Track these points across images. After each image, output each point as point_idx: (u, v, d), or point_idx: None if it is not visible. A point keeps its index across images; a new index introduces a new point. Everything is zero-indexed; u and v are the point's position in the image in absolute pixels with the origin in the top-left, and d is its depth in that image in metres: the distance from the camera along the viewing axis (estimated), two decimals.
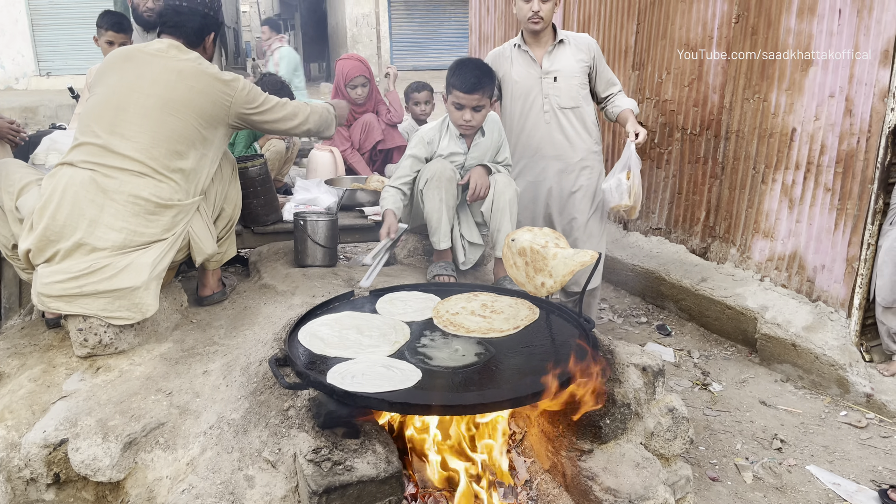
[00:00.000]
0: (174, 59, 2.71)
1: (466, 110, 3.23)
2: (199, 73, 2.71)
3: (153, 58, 2.70)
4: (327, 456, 1.92)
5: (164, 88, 2.64)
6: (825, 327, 3.41)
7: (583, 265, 2.40)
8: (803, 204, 3.55)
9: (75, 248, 2.49)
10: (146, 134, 2.59)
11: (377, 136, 5.17)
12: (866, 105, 3.20)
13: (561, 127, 3.61)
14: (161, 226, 2.61)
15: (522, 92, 3.61)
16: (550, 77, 3.55)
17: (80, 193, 2.51)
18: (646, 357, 2.47)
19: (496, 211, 3.33)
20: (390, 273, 3.39)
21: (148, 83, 2.64)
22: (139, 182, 2.57)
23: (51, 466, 2.18)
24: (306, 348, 2.25)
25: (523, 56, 3.59)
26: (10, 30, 14.54)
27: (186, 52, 2.76)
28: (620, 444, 2.28)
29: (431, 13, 18.42)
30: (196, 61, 2.74)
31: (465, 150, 3.40)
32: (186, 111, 2.66)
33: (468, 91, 3.17)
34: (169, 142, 2.62)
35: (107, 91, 2.66)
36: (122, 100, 2.63)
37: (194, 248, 2.77)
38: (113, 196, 2.53)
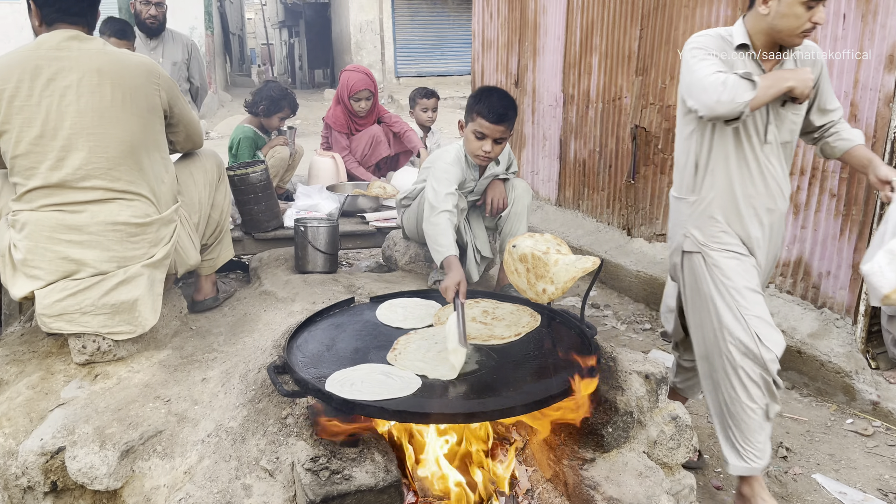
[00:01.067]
0: (84, 55, 2.39)
1: (488, 141, 3.00)
2: (118, 64, 2.43)
3: (59, 62, 2.36)
4: (325, 465, 1.90)
5: (92, 96, 2.37)
6: (831, 334, 3.38)
7: (585, 272, 2.38)
8: (808, 209, 3.52)
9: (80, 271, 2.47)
10: (94, 154, 2.39)
11: (384, 151, 5.15)
12: (871, 110, 3.17)
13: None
14: (147, 243, 2.54)
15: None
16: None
17: (57, 238, 2.41)
18: (648, 364, 2.44)
19: (513, 216, 3.30)
20: (391, 280, 3.37)
21: (74, 98, 2.36)
22: (109, 208, 2.45)
23: (48, 475, 2.16)
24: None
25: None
26: (15, 37, 14.58)
27: (90, 41, 2.44)
28: (623, 453, 2.25)
29: (435, 19, 18.46)
30: (104, 51, 2.44)
31: (477, 178, 3.31)
32: (123, 113, 2.43)
33: (495, 122, 2.96)
34: (119, 155, 2.43)
35: (32, 122, 2.35)
36: (57, 126, 2.35)
37: (177, 259, 2.72)
38: (89, 230, 2.43)
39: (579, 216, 5.49)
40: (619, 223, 5.02)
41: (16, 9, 14.48)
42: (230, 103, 16.80)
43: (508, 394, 2.05)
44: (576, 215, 5.53)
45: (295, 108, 4.73)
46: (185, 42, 5.08)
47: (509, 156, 3.47)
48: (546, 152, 5.87)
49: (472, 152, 3.09)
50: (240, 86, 21.69)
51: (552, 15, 5.57)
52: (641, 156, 4.68)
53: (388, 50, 18.37)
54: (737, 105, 2.19)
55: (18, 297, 2.51)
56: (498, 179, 3.38)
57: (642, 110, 4.64)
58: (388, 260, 3.72)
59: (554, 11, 5.55)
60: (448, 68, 18.30)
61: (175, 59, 4.94)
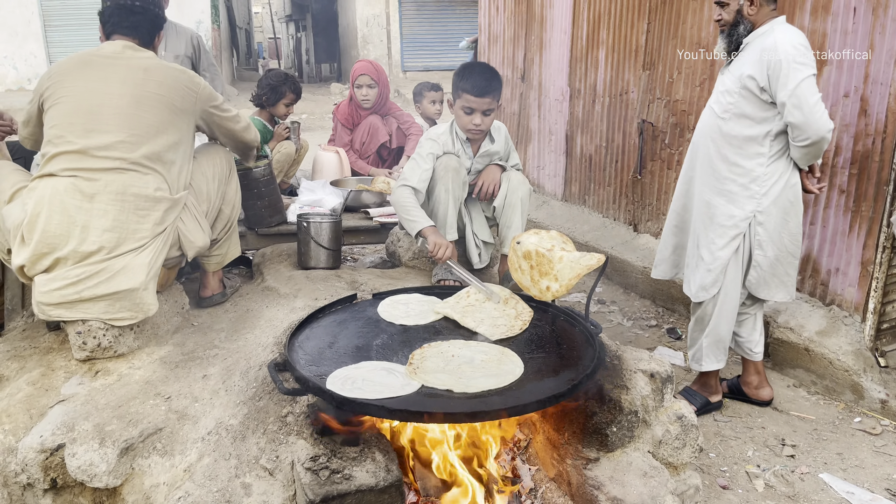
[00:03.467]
0: (135, 59, 2.70)
1: (476, 114, 3.18)
2: (165, 69, 2.73)
3: (113, 60, 2.68)
4: (325, 464, 1.88)
5: (134, 86, 2.63)
6: (839, 332, 3.34)
7: (589, 269, 2.35)
8: (817, 206, 3.48)
9: (71, 255, 2.46)
10: (122, 131, 2.57)
11: (382, 137, 5.13)
12: (882, 105, 3.13)
13: None
14: (152, 220, 2.57)
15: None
16: None
17: (67, 201, 2.48)
18: (654, 363, 2.41)
19: (507, 207, 3.31)
20: (395, 276, 3.34)
21: (117, 84, 2.63)
22: (123, 178, 2.54)
23: (47, 472, 2.15)
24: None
25: None
26: (22, 31, 14.63)
27: (142, 51, 2.76)
28: (627, 453, 2.23)
29: (441, 13, 18.40)
30: (155, 59, 2.76)
31: (472, 155, 3.36)
32: (159, 105, 2.65)
33: (479, 94, 3.13)
34: (146, 136, 2.60)
35: (73, 98, 2.61)
36: (93, 103, 2.59)
37: (183, 241, 2.74)
38: (99, 198, 2.50)
39: (585, 211, 5.46)
40: (625, 219, 4.99)
41: (23, 3, 14.52)
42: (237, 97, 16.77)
43: (510, 393, 2.02)
44: (582, 210, 5.50)
45: (298, 91, 4.67)
46: (189, 35, 5.04)
47: (507, 142, 3.46)
48: (552, 147, 5.83)
49: (463, 127, 3.25)
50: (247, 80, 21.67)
51: (559, 8, 5.53)
52: (648, 151, 4.64)
53: (395, 44, 18.32)
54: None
55: (17, 265, 2.51)
56: (496, 165, 3.38)
57: (649, 105, 4.60)
58: (392, 256, 3.70)
59: (560, 5, 5.50)
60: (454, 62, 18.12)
61: (178, 52, 4.90)
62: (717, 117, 2.94)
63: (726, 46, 2.91)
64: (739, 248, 2.97)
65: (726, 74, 2.94)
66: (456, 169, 3.20)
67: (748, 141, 2.87)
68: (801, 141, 2.75)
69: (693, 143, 3.14)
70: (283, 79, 4.60)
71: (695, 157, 3.11)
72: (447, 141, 3.32)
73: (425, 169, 3.22)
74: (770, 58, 2.73)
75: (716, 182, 2.97)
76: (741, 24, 2.86)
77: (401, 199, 3.16)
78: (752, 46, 2.85)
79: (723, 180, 2.95)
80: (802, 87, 2.67)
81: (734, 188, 2.93)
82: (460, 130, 3.30)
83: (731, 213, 2.94)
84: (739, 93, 2.85)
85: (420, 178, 3.20)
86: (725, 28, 2.89)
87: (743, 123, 2.87)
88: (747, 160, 2.89)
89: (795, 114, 2.70)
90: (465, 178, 3.27)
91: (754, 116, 2.84)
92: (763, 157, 2.87)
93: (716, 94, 2.99)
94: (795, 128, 2.73)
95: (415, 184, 3.18)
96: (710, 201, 2.99)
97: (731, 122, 2.89)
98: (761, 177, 2.88)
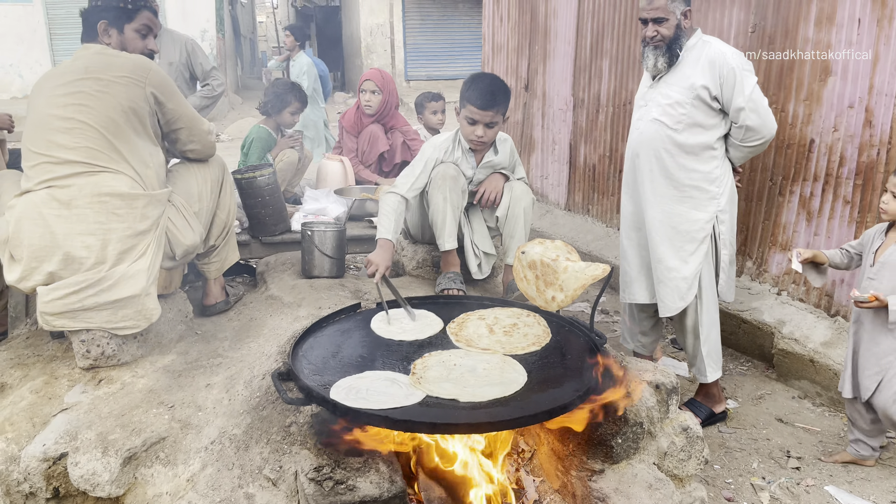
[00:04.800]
0: (80, 59, 2.69)
1: (479, 126, 3.17)
2: (105, 61, 2.67)
3: (64, 67, 2.70)
4: (329, 475, 1.87)
5: (73, 87, 2.61)
6: (844, 343, 3.32)
7: (594, 279, 2.35)
8: (822, 216, 3.47)
9: (64, 263, 2.46)
10: (79, 137, 2.56)
11: (382, 146, 5.12)
12: (886, 116, 3.12)
13: None
14: (133, 218, 2.55)
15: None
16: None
17: (45, 212, 2.48)
18: (659, 374, 2.40)
19: (511, 217, 3.30)
20: (399, 285, 3.33)
21: (60, 91, 2.61)
22: (95, 179, 2.54)
23: (50, 480, 2.15)
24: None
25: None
26: (28, 39, 14.69)
27: (90, 47, 2.74)
28: (633, 465, 2.21)
29: (445, 23, 18.45)
30: (100, 51, 2.72)
31: (475, 165, 3.36)
32: (103, 103, 2.60)
33: (483, 107, 3.11)
34: (99, 141, 2.57)
35: (32, 111, 2.66)
36: (44, 115, 2.60)
37: (172, 240, 2.72)
38: (76, 203, 2.50)
39: (589, 221, 5.45)
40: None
41: (28, 11, 14.59)
42: (241, 106, 16.84)
43: (514, 404, 2.01)
44: (585, 220, 5.49)
45: (303, 100, 4.70)
46: (183, 42, 5.02)
47: (513, 154, 3.45)
48: (556, 157, 5.84)
49: (466, 137, 3.25)
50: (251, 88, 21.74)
51: (563, 19, 5.54)
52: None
53: (399, 53, 18.37)
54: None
55: (11, 282, 2.51)
56: (499, 173, 3.37)
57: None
58: (396, 265, 3.69)
59: (564, 16, 5.52)
60: (457, 72, 18.25)
61: (171, 59, 4.88)
62: (668, 129, 3.03)
63: (667, 60, 3.01)
64: (708, 251, 3.09)
65: (670, 87, 3.03)
66: (454, 177, 3.19)
67: (703, 147, 3.02)
68: (753, 141, 2.96)
69: (633, 161, 3.20)
70: (288, 88, 4.63)
71: (637, 173, 3.17)
72: (449, 148, 3.31)
73: (418, 176, 3.22)
74: (721, 68, 2.90)
75: (675, 192, 3.07)
76: (681, 37, 3.00)
77: (382, 205, 3.17)
78: (689, 58, 3.00)
79: (683, 188, 3.06)
80: (756, 92, 2.91)
81: (696, 193, 3.05)
82: (464, 139, 3.30)
83: (696, 217, 3.06)
84: (692, 103, 2.97)
85: (412, 185, 3.21)
86: (662, 44, 2.99)
87: (695, 132, 3.01)
88: (704, 164, 3.03)
89: (753, 117, 2.90)
90: (463, 186, 3.26)
91: (705, 124, 2.99)
92: (717, 159, 3.04)
93: (660, 107, 3.06)
94: (751, 129, 2.93)
95: (404, 192, 3.19)
96: (670, 211, 3.08)
97: (685, 133, 3.01)
98: (719, 177, 3.05)
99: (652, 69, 3.07)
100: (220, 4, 16.09)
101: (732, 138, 3.02)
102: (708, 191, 3.04)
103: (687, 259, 3.07)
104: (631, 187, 3.24)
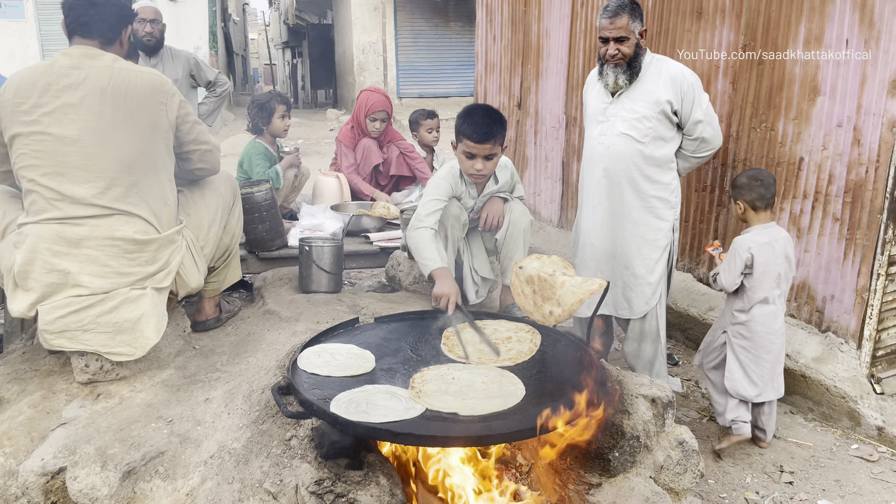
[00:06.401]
0: (93, 74, 2.44)
1: (478, 159, 3.08)
2: (123, 80, 2.47)
3: (69, 78, 2.43)
4: (330, 488, 1.88)
5: (92, 117, 2.42)
6: (835, 358, 3.37)
7: (591, 294, 2.38)
8: (811, 234, 3.52)
9: (69, 291, 2.46)
10: (95, 175, 2.43)
11: (375, 159, 5.16)
12: (874, 135, 3.18)
13: None
14: (143, 261, 2.52)
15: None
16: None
17: (54, 249, 2.42)
18: (655, 388, 2.43)
19: (510, 238, 3.34)
20: (395, 300, 3.36)
21: (74, 117, 2.41)
22: (108, 223, 2.46)
23: (48, 495, 2.14)
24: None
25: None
26: (21, 55, 14.68)
27: (100, 58, 2.49)
28: (629, 478, 2.23)
29: (438, 41, 18.59)
30: (112, 69, 2.48)
31: (476, 196, 3.38)
32: (125, 135, 2.46)
33: (480, 140, 3.03)
34: (122, 175, 2.45)
35: (34, 139, 2.41)
36: (55, 147, 2.41)
37: (178, 281, 2.68)
38: (86, 244, 2.44)
39: None
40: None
41: (21, 27, 14.61)
42: (233, 122, 16.87)
43: (514, 417, 2.03)
44: None
45: (286, 102, 4.68)
46: (185, 58, 5.08)
47: (513, 177, 3.49)
48: (548, 174, 5.89)
49: (465, 172, 3.21)
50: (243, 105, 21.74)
51: (555, 38, 5.61)
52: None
53: (391, 71, 18.47)
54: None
55: (16, 313, 2.49)
56: (497, 197, 3.40)
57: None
58: (392, 280, 3.72)
59: (557, 35, 5.59)
60: (450, 89, 18.40)
61: (176, 76, 4.94)
62: (636, 143, 3.23)
63: (628, 77, 3.20)
64: (669, 257, 3.38)
65: (634, 102, 3.22)
66: (457, 216, 3.27)
67: (665, 158, 3.26)
68: (705, 152, 3.28)
69: (600, 174, 3.35)
70: (268, 96, 4.65)
71: (607, 186, 3.32)
72: (454, 181, 3.28)
73: (437, 210, 3.18)
74: (682, 84, 3.16)
75: (641, 202, 3.29)
76: (640, 55, 3.20)
77: (417, 241, 3.09)
78: (649, 74, 3.21)
79: (648, 199, 3.28)
80: (710, 106, 3.21)
81: (658, 203, 3.29)
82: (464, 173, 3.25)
83: (660, 226, 3.31)
84: (657, 118, 3.19)
85: (436, 219, 3.17)
86: (622, 61, 3.18)
87: (659, 144, 3.24)
88: (665, 175, 3.28)
89: (708, 129, 3.20)
90: (465, 221, 3.33)
91: (666, 136, 3.24)
92: (673, 171, 3.31)
93: (626, 121, 3.24)
94: (705, 141, 3.23)
95: (431, 224, 3.14)
96: (638, 221, 3.31)
97: (651, 146, 3.23)
98: (676, 188, 3.34)
99: (612, 86, 3.23)
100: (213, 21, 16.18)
101: (684, 150, 3.30)
102: (668, 200, 3.30)
103: (653, 267, 3.31)
104: (596, 200, 3.39)
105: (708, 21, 4.05)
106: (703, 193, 4.21)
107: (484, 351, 2.47)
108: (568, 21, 5.43)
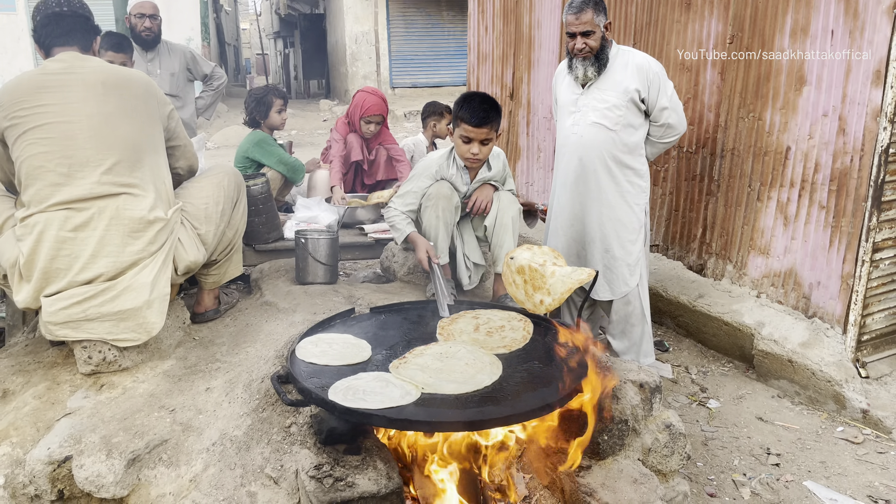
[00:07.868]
0: (88, 72, 2.59)
1: (474, 143, 3.23)
2: (121, 76, 2.65)
3: (66, 77, 2.56)
4: (329, 472, 1.94)
5: (98, 104, 2.56)
6: (821, 343, 3.44)
7: (580, 283, 2.44)
8: (798, 221, 3.59)
9: (69, 286, 2.50)
10: (103, 155, 2.53)
11: (355, 155, 5.12)
12: (859, 124, 3.25)
13: None
14: (144, 241, 2.57)
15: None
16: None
17: (61, 235, 2.48)
18: (643, 374, 2.50)
19: (499, 227, 3.40)
20: (390, 290, 3.42)
21: (80, 104, 2.53)
22: (116, 202, 2.54)
23: (55, 483, 2.20)
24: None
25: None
26: (12, 48, 14.64)
27: (89, 60, 2.64)
28: (618, 460, 2.31)
29: (430, 31, 18.57)
30: (105, 67, 2.66)
31: (469, 181, 3.45)
32: (130, 118, 2.60)
33: (478, 125, 3.18)
34: (126, 153, 2.57)
35: (41, 129, 2.51)
36: (64, 132, 2.51)
37: (176, 255, 2.72)
38: (93, 225, 2.51)
39: None
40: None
41: (12, 19, 14.54)
42: (226, 113, 16.86)
43: (507, 402, 2.10)
44: None
45: (283, 95, 4.72)
46: (181, 52, 5.11)
47: (505, 168, 3.55)
48: (541, 164, 5.94)
49: (461, 156, 3.34)
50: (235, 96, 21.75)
51: (546, 29, 5.65)
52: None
53: (384, 61, 18.45)
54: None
55: (22, 304, 2.54)
56: (488, 184, 3.47)
57: None
58: (387, 271, 3.78)
59: (548, 26, 5.63)
60: (442, 79, 18.40)
61: (173, 70, 4.97)
62: (608, 131, 3.39)
63: (596, 69, 3.36)
64: (644, 238, 3.54)
65: (604, 92, 3.38)
66: (448, 196, 3.32)
67: (636, 145, 3.44)
68: (671, 137, 3.45)
69: (575, 163, 3.51)
70: (264, 91, 4.68)
71: (583, 173, 3.48)
72: (444, 165, 3.42)
73: (411, 201, 3.42)
74: (648, 72, 3.32)
75: (616, 187, 3.45)
76: (606, 47, 3.36)
77: (389, 217, 3.44)
78: (616, 65, 3.37)
79: (622, 183, 3.45)
80: (674, 94, 3.38)
81: (631, 188, 3.46)
82: (459, 158, 3.38)
83: (633, 209, 3.48)
84: (626, 106, 3.35)
85: (407, 205, 3.42)
86: (590, 55, 3.34)
87: (629, 131, 3.40)
88: (636, 160, 3.46)
89: (673, 116, 3.38)
90: (457, 203, 3.38)
91: (635, 123, 3.40)
92: (643, 156, 3.49)
93: (597, 111, 3.40)
94: (670, 127, 3.40)
95: (398, 206, 3.43)
96: (614, 205, 3.47)
97: (623, 133, 3.39)
98: (646, 173, 3.51)
99: (582, 78, 3.39)
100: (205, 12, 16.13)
101: (652, 136, 3.47)
102: (640, 185, 3.48)
103: (630, 249, 3.49)
104: (571, 187, 3.55)
105: (697, 12, 4.10)
106: (692, 182, 4.27)
107: (479, 339, 2.53)
108: (559, 12, 5.47)
